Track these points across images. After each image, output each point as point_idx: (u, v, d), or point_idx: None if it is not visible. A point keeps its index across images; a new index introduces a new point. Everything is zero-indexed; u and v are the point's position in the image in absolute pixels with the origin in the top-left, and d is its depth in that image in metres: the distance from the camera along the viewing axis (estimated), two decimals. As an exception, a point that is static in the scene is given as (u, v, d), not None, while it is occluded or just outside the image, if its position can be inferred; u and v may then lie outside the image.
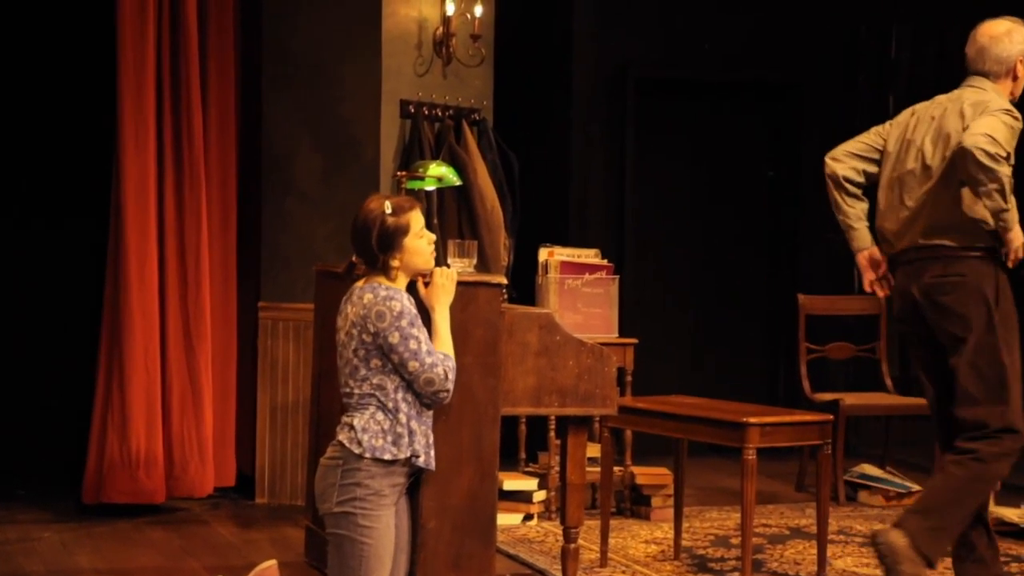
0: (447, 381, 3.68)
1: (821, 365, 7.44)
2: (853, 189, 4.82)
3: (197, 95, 6.29)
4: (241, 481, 6.61)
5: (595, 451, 5.82)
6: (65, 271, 7.10)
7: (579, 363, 4.43)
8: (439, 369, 3.66)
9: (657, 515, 6.28)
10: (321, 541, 4.04)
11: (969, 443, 4.51)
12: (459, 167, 6.30)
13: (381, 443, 3.64)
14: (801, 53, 8.30)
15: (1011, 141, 4.49)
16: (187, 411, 6.25)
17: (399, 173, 5.48)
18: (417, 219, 3.75)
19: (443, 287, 3.82)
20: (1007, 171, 4.39)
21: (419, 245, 3.74)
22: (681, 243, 8.33)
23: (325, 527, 3.72)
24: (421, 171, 5.98)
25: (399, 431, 3.66)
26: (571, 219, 7.82)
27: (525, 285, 6.35)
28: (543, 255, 6.28)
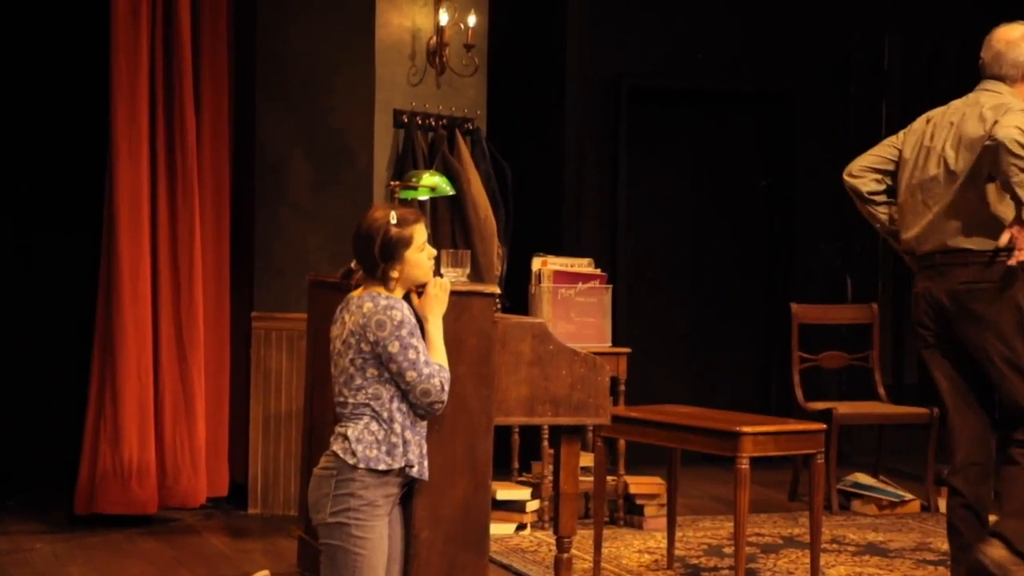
0: (443, 392, 3.68)
1: (814, 374, 7.45)
2: (880, 199, 4.89)
3: (190, 104, 6.28)
4: (234, 491, 6.59)
5: (588, 460, 5.81)
6: (58, 280, 7.09)
7: (572, 372, 4.43)
8: (436, 380, 3.66)
9: (650, 524, 6.28)
10: (314, 551, 4.03)
11: None
12: (452, 176, 6.30)
13: (375, 453, 3.64)
14: (794, 62, 8.32)
15: None
16: (180, 421, 6.24)
17: (392, 183, 5.49)
18: (420, 233, 3.75)
19: (437, 297, 3.82)
20: None
21: (420, 259, 3.75)
22: (674, 252, 8.33)
23: (318, 537, 3.71)
24: (414, 181, 5.98)
25: (393, 441, 3.66)
26: (564, 228, 7.82)
27: (518, 295, 6.35)
28: (536, 264, 6.28)
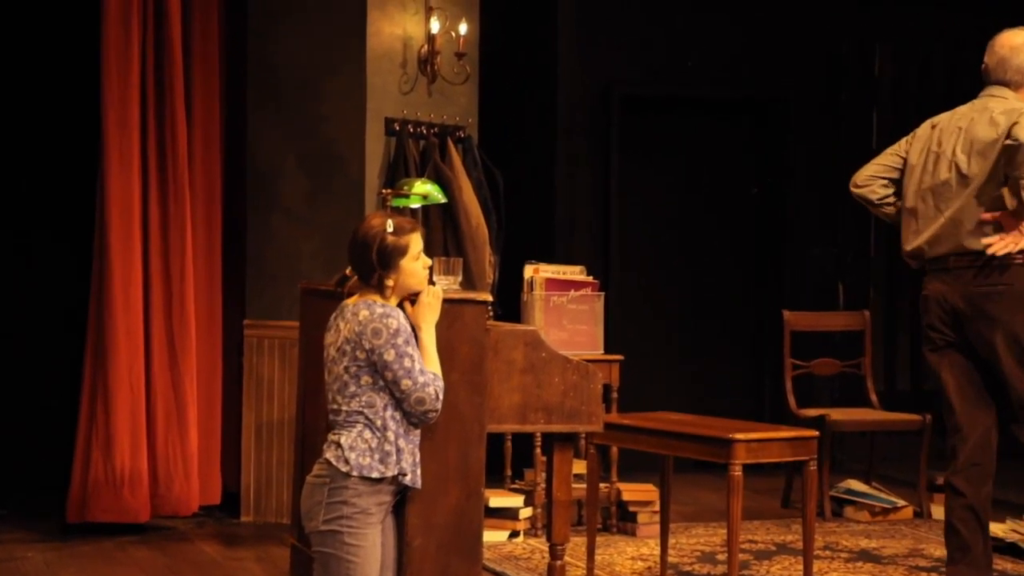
0: (437, 401, 3.68)
1: (806, 381, 7.46)
2: (890, 200, 4.94)
3: (182, 112, 6.28)
4: (226, 499, 6.58)
5: (581, 468, 5.81)
6: (49, 288, 7.08)
7: (565, 380, 4.43)
8: (431, 389, 3.66)
9: (643, 531, 6.28)
10: (307, 559, 4.03)
11: None
12: (444, 184, 6.31)
13: (368, 461, 3.64)
14: (785, 70, 8.33)
15: None
16: (172, 429, 6.23)
17: (384, 191, 5.48)
18: (416, 242, 3.75)
19: (429, 306, 3.82)
20: None
21: (415, 267, 3.75)
22: (666, 259, 8.34)
23: (311, 545, 3.71)
24: (406, 189, 5.98)
25: (387, 449, 3.66)
26: (556, 236, 7.83)
27: (510, 302, 6.35)
28: (528, 272, 6.28)
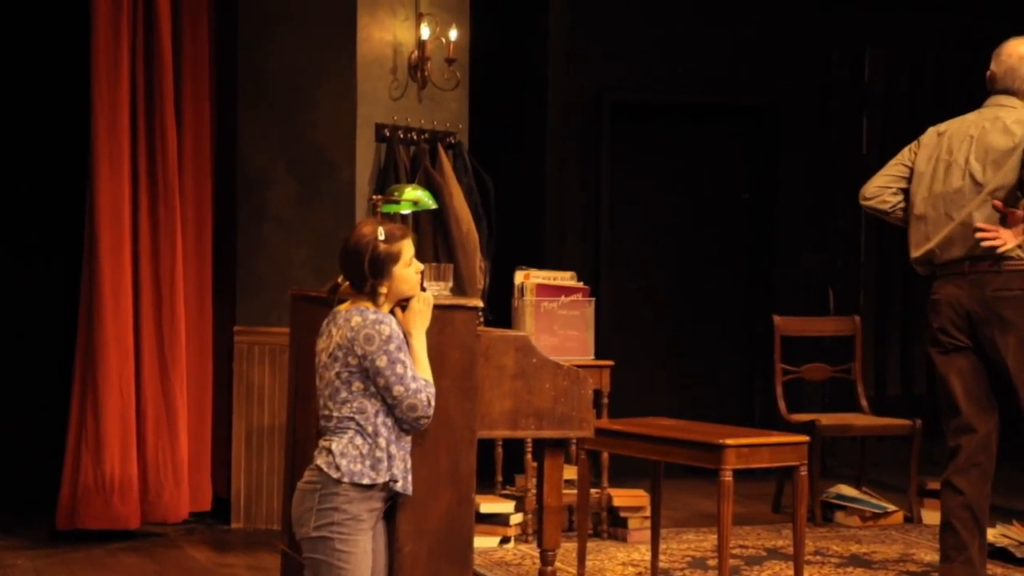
0: (429, 407, 3.68)
1: (797, 386, 7.46)
2: (903, 205, 4.97)
3: (172, 117, 6.27)
4: (217, 505, 6.57)
5: (572, 473, 5.81)
6: (39, 294, 7.05)
7: (556, 386, 4.43)
8: (422, 395, 3.66)
9: (634, 537, 6.28)
10: (298, 566, 4.02)
11: None
12: (434, 190, 6.31)
13: (359, 467, 3.63)
14: (775, 76, 8.35)
15: None
16: (162, 436, 6.22)
17: (375, 197, 5.48)
18: (408, 248, 3.76)
19: (420, 312, 3.82)
20: None
21: (407, 274, 3.76)
22: (657, 265, 8.35)
23: (302, 552, 3.71)
24: (397, 195, 5.98)
25: (378, 455, 3.65)
26: (547, 242, 7.83)
27: (501, 308, 6.35)
28: (519, 278, 6.28)
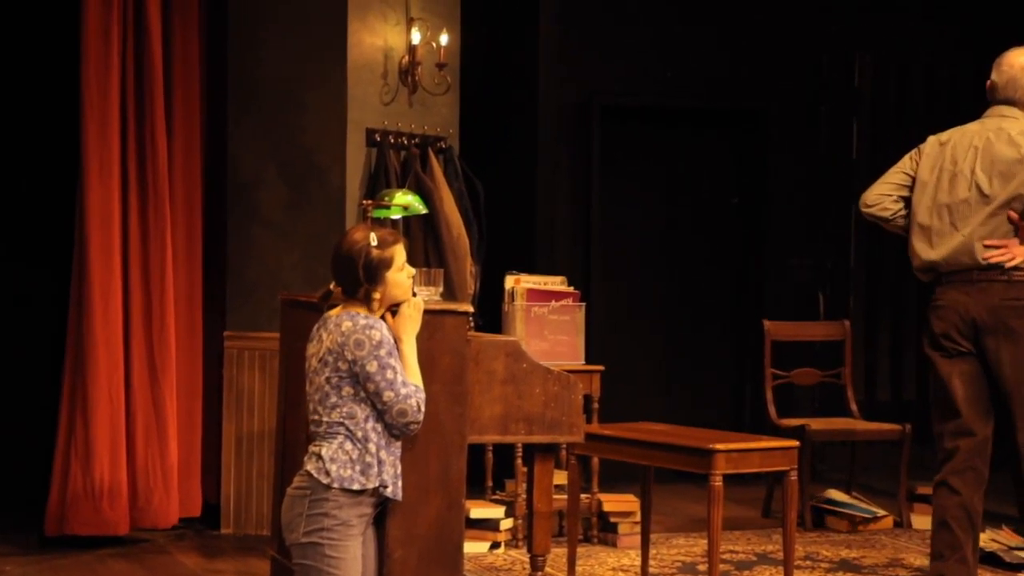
0: (419, 413, 3.68)
1: (787, 391, 7.46)
2: (903, 212, 4.99)
3: (162, 122, 6.26)
4: (206, 511, 6.56)
5: (562, 479, 5.81)
6: (27, 301, 7.04)
7: (546, 391, 4.43)
8: (413, 401, 3.66)
9: (624, 542, 6.28)
10: (287, 571, 4.01)
11: None
12: (425, 195, 6.31)
13: (349, 473, 3.63)
14: (765, 81, 8.36)
15: None
16: (151, 441, 6.20)
17: (365, 202, 5.46)
18: (400, 253, 3.76)
19: (411, 317, 3.82)
20: None
21: (400, 278, 3.76)
22: (647, 269, 8.35)
23: (292, 558, 3.70)
24: (387, 199, 5.98)
25: (368, 461, 3.65)
26: (537, 246, 7.83)
27: (492, 313, 6.34)
28: (509, 282, 6.28)
